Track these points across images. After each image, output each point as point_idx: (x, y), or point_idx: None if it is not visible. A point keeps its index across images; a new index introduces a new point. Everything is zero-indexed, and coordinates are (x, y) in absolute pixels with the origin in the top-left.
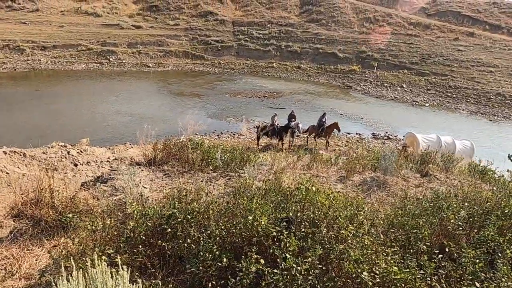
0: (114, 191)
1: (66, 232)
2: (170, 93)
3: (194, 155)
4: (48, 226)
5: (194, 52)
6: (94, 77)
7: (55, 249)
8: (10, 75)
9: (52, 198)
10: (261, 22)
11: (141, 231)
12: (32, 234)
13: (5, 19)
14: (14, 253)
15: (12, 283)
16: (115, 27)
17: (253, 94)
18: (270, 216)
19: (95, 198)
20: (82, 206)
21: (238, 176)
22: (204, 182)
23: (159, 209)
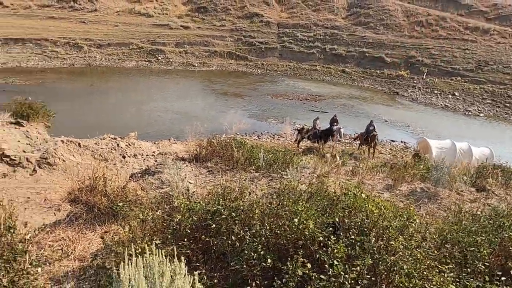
0: (161, 184)
1: (116, 219)
2: (214, 93)
3: (238, 154)
4: (101, 212)
5: (238, 53)
6: (143, 75)
7: (106, 235)
8: (69, 70)
9: (105, 187)
10: (307, 24)
11: (187, 224)
12: (86, 219)
13: (67, 18)
14: (70, 235)
15: (67, 263)
16: (165, 27)
17: (295, 96)
18: (316, 220)
19: (143, 190)
20: (132, 196)
21: (281, 177)
22: (247, 181)
23: (204, 204)
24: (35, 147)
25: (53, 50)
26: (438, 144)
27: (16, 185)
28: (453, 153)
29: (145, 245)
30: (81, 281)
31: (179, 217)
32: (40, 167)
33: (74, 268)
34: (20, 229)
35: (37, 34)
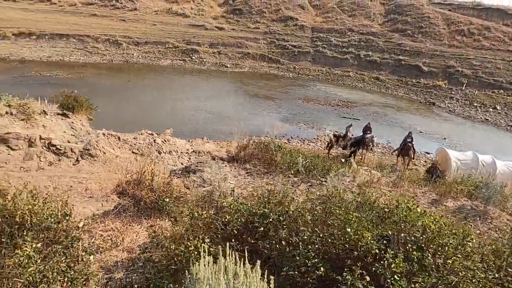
0: (203, 182)
1: (161, 214)
2: (245, 94)
3: (277, 157)
4: (147, 206)
5: (271, 56)
6: (177, 73)
7: (151, 228)
8: (107, 66)
9: (152, 182)
10: (341, 29)
11: (234, 225)
12: (132, 212)
13: (108, 16)
14: (118, 226)
15: (116, 254)
16: (200, 27)
17: (326, 102)
18: (369, 231)
19: (186, 187)
20: (176, 193)
21: (320, 184)
22: (288, 185)
23: (250, 206)
24: (79, 138)
25: (94, 46)
26: (458, 155)
27: (60, 173)
28: (475, 165)
29: (198, 243)
30: (130, 272)
31: (229, 218)
32: (83, 157)
33: (123, 259)
34: (74, 217)
35: (80, 31)
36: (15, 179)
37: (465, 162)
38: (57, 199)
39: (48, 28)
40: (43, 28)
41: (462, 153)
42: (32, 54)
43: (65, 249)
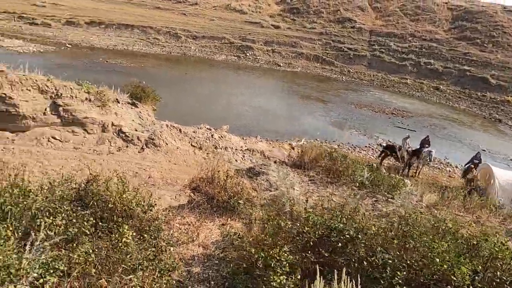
0: (269, 186)
1: (233, 214)
2: (297, 94)
3: (342, 167)
4: (219, 205)
5: (325, 57)
6: (231, 69)
7: (223, 227)
8: (166, 57)
9: (226, 182)
10: (402, 34)
11: (311, 237)
12: (205, 208)
13: (170, 9)
14: (193, 221)
15: (193, 248)
16: (256, 25)
17: (380, 109)
18: (458, 263)
19: (254, 189)
20: (246, 195)
21: (386, 200)
22: (356, 198)
23: (327, 219)
24: (145, 128)
25: (156, 37)
26: (505, 174)
27: (127, 159)
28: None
29: (280, 251)
30: (206, 268)
31: (307, 229)
32: (147, 146)
33: (199, 254)
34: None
35: (144, 22)
36: (89, 161)
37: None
38: (143, 189)
39: (116, 18)
40: (111, 18)
41: (508, 172)
42: (100, 42)
43: (153, 240)
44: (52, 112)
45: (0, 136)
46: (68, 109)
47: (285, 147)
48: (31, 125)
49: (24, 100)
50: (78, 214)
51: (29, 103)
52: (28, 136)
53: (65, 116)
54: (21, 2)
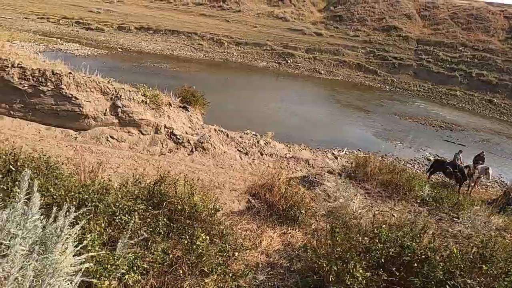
0: (327, 197)
1: (293, 223)
2: (338, 103)
3: (401, 181)
4: (279, 213)
5: (368, 66)
6: (272, 75)
7: (284, 236)
8: (209, 62)
9: (286, 191)
10: (452, 43)
11: (382, 254)
12: (265, 216)
13: (214, 16)
14: (254, 228)
15: (256, 255)
16: (298, 32)
17: (427, 121)
18: None
19: (313, 199)
20: (306, 205)
21: (451, 220)
22: (412, 215)
23: (397, 236)
24: (194, 131)
25: (200, 43)
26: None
27: (177, 161)
28: None
29: (356, 267)
30: (271, 277)
31: (380, 245)
32: (196, 149)
33: (263, 261)
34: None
35: (189, 28)
36: (143, 161)
37: None
38: (209, 193)
39: (163, 24)
40: (159, 24)
41: None
42: (148, 46)
43: (224, 244)
44: (111, 112)
45: (65, 134)
46: (126, 110)
47: (328, 156)
48: (92, 124)
49: (88, 100)
50: (150, 214)
51: (92, 104)
52: (89, 135)
53: (123, 117)
54: (79, 8)
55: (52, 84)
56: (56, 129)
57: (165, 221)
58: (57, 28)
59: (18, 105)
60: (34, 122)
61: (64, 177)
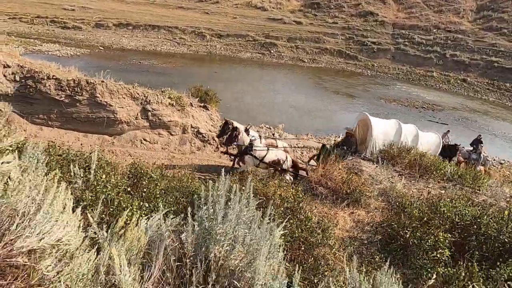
0: (372, 180)
1: (356, 204)
2: (326, 90)
3: (426, 163)
4: (342, 197)
5: (349, 52)
6: (258, 66)
7: (352, 215)
8: (193, 56)
9: (347, 177)
10: (426, 26)
11: (447, 222)
12: (332, 200)
13: (193, 9)
14: (326, 210)
15: (339, 232)
16: (279, 21)
17: (410, 103)
18: None
19: (364, 184)
20: (362, 188)
21: (474, 192)
22: (445, 190)
23: (455, 206)
24: (216, 128)
25: (182, 37)
26: (381, 123)
27: (207, 158)
28: (397, 137)
29: (438, 231)
30: (357, 247)
31: (448, 214)
32: (221, 145)
33: (345, 237)
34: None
35: (169, 22)
36: (177, 160)
37: (386, 131)
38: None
39: (142, 19)
40: (137, 19)
41: (385, 121)
42: (130, 43)
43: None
44: (142, 116)
45: (103, 140)
46: (155, 113)
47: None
48: (125, 129)
49: (120, 106)
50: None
51: (124, 109)
52: (124, 139)
53: (153, 120)
54: (50, 6)
55: (87, 93)
56: (93, 135)
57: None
58: (31, 28)
59: (56, 115)
60: (70, 130)
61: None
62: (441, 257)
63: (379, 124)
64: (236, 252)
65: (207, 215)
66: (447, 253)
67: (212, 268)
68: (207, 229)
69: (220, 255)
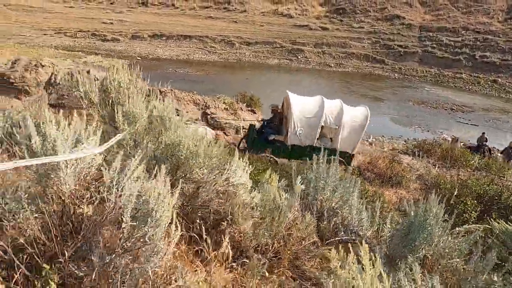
0: (409, 167)
1: (398, 186)
2: (354, 94)
3: (456, 155)
4: (385, 180)
5: (375, 56)
6: (286, 72)
7: (396, 194)
8: (223, 64)
9: (390, 164)
10: (454, 28)
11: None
12: (378, 183)
13: (221, 18)
14: (374, 189)
15: (386, 205)
16: (305, 28)
17: (439, 105)
18: None
19: (404, 170)
20: (402, 173)
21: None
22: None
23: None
24: None
25: (212, 46)
26: (301, 100)
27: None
28: (320, 112)
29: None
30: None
31: (476, 188)
32: None
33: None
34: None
35: (200, 32)
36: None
37: (307, 108)
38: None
39: (174, 30)
40: (170, 30)
41: (308, 98)
42: (164, 53)
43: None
44: (202, 119)
45: None
46: (213, 117)
47: (366, 143)
48: None
49: (186, 111)
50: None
51: (189, 114)
52: None
53: (212, 123)
54: (91, 21)
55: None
56: None
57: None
58: (75, 42)
59: None
60: None
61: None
62: (469, 218)
63: (299, 101)
64: (335, 196)
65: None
66: (474, 215)
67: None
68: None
69: (324, 198)
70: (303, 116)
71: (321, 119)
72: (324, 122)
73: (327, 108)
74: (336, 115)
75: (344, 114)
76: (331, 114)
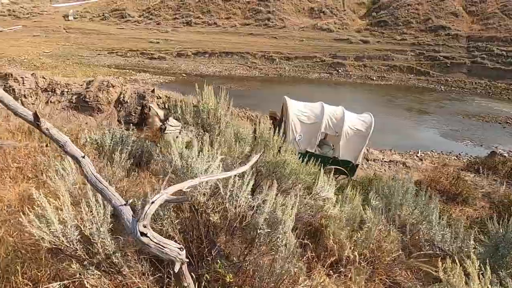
0: (474, 185)
1: (464, 203)
2: (399, 107)
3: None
4: (450, 197)
5: (419, 68)
6: (326, 85)
7: (461, 211)
8: (264, 79)
9: (455, 181)
10: (506, 37)
11: None
12: (441, 200)
13: (262, 34)
14: (440, 207)
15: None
16: (345, 41)
17: (491, 118)
18: None
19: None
20: (467, 190)
21: None
22: None
23: None
24: None
25: (253, 61)
26: (300, 105)
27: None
28: (320, 118)
29: None
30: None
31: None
32: None
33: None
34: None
35: (241, 48)
36: None
37: (305, 114)
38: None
39: (216, 47)
40: (212, 47)
41: (308, 104)
42: (208, 69)
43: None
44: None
45: None
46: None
47: (415, 158)
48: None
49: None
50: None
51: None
52: None
53: None
54: (140, 41)
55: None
56: None
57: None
58: (126, 60)
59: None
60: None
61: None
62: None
63: (298, 106)
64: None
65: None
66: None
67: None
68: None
69: (404, 213)
70: (302, 122)
71: (322, 125)
72: (325, 128)
73: (327, 114)
74: (337, 121)
75: (346, 121)
76: (332, 120)
